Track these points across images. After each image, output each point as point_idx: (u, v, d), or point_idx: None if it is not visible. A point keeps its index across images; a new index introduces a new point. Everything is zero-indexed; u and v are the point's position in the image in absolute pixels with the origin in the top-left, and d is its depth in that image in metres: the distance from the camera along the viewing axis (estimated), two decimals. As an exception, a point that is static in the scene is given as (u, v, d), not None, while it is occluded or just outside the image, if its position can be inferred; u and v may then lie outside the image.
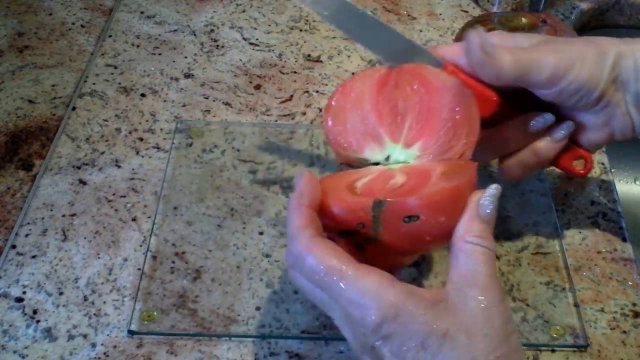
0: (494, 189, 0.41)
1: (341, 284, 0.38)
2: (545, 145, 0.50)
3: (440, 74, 0.48)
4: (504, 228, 0.57)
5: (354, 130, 0.47)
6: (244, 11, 0.82)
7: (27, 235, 0.56)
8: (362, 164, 0.47)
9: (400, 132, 0.47)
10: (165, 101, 0.69)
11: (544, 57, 0.46)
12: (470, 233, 0.40)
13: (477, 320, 0.37)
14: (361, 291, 0.37)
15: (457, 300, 0.38)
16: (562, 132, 0.50)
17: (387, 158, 0.46)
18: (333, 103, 0.48)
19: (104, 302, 0.52)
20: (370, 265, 0.39)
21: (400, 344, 0.37)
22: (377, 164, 0.47)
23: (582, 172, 0.52)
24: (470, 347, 0.37)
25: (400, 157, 0.46)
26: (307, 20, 0.81)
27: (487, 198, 0.41)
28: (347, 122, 0.47)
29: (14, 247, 0.55)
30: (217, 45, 0.77)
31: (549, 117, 0.49)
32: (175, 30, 0.79)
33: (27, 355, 0.48)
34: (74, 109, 0.68)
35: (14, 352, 0.48)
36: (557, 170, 0.54)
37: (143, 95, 0.70)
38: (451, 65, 0.50)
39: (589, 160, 0.52)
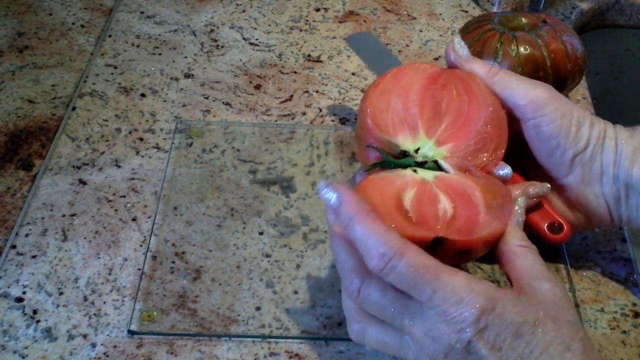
0: (522, 200, 0.47)
1: (438, 283, 0.39)
2: (514, 196, 0.49)
3: (485, 89, 0.50)
4: (504, 228, 0.57)
5: (394, 115, 0.49)
6: (244, 11, 0.82)
7: (27, 235, 0.56)
8: (391, 149, 0.48)
9: (436, 129, 0.49)
10: (165, 101, 0.69)
11: (534, 87, 0.49)
12: (518, 239, 0.44)
13: (557, 309, 0.40)
14: (457, 288, 0.39)
15: (531, 293, 0.41)
16: (536, 189, 0.49)
17: (417, 150, 0.48)
18: (381, 83, 0.50)
19: (104, 302, 0.52)
20: None
21: (497, 333, 0.39)
22: (404, 153, 0.48)
23: (556, 237, 0.50)
24: (559, 333, 0.39)
25: (429, 152, 0.48)
26: (307, 20, 0.81)
27: (520, 210, 0.46)
28: (390, 104, 0.49)
29: (14, 247, 0.55)
30: (217, 45, 0.77)
31: (546, 187, 0.49)
32: (175, 30, 0.79)
33: (27, 355, 0.48)
34: (74, 109, 0.68)
35: (14, 352, 0.48)
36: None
37: (143, 95, 0.70)
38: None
39: (566, 226, 0.50)
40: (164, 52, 0.75)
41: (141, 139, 0.65)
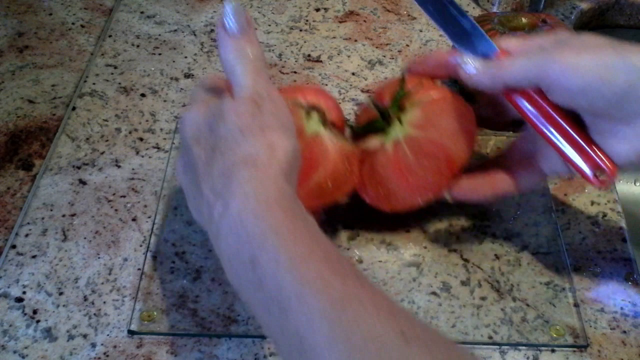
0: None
1: (252, 70, 0.48)
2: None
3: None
4: (504, 228, 0.57)
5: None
6: (244, 11, 0.82)
7: (27, 235, 0.56)
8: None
9: (415, 120, 0.52)
10: (165, 101, 0.69)
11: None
12: None
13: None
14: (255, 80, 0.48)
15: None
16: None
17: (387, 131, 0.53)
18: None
19: (104, 302, 0.52)
20: None
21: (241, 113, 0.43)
22: (379, 125, 0.54)
23: (597, 183, 0.45)
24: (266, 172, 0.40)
25: (398, 130, 0.53)
26: (307, 20, 0.81)
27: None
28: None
29: (14, 247, 0.55)
30: (217, 45, 0.77)
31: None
32: (175, 30, 0.79)
33: (27, 355, 0.48)
34: (74, 109, 0.68)
35: (14, 352, 0.48)
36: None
37: (143, 95, 0.70)
38: (504, 51, 0.48)
39: (611, 172, 0.45)
40: (164, 52, 0.75)
41: (141, 139, 0.65)
